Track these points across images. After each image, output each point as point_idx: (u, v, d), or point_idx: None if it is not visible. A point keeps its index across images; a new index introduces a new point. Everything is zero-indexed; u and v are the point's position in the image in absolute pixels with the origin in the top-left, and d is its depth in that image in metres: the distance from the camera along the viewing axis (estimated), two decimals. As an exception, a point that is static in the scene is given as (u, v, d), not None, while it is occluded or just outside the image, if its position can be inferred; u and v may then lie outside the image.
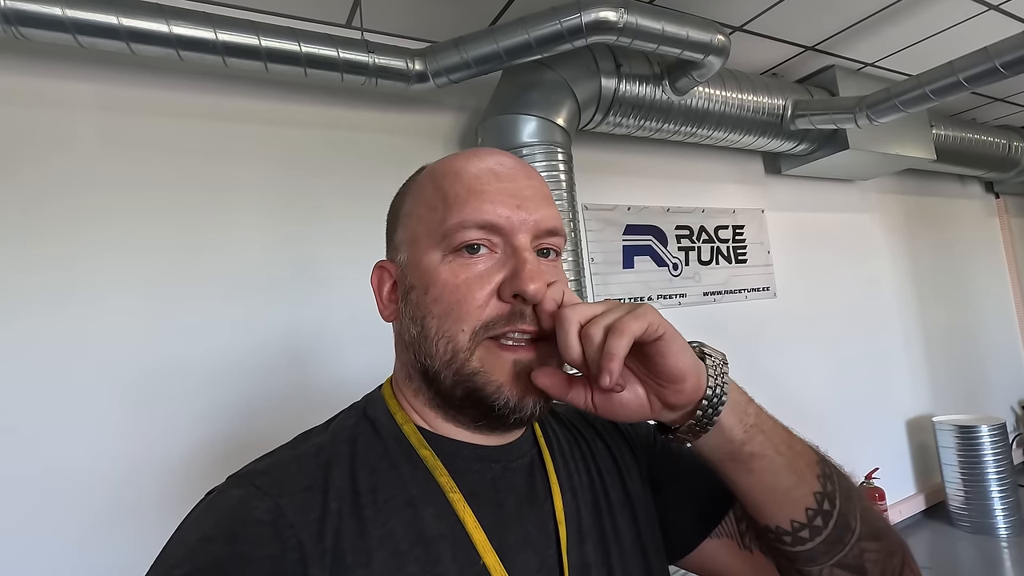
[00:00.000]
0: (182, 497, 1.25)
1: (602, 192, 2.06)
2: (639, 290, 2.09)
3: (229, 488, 0.46)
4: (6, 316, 1.20)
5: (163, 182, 1.37)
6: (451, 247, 0.49)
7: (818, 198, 2.69)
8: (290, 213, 1.49)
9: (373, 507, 0.46)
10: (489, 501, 0.50)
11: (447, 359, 0.48)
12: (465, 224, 0.48)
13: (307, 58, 1.35)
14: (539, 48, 1.44)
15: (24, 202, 1.24)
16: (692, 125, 1.92)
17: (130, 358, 1.29)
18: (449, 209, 0.49)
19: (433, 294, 0.49)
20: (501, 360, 0.48)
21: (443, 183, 0.51)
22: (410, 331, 0.51)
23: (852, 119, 1.99)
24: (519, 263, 0.48)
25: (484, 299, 0.48)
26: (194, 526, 0.44)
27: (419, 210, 0.52)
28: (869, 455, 2.55)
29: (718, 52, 1.56)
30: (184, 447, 1.31)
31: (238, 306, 1.42)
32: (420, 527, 0.46)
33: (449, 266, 0.49)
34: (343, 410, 0.57)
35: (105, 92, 1.34)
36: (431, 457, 0.50)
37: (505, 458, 0.53)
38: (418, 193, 0.54)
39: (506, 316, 0.48)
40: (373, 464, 0.49)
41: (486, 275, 0.48)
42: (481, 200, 0.49)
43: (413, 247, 0.52)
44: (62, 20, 1.10)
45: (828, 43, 2.08)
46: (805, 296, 2.54)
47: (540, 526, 0.51)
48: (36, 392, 1.20)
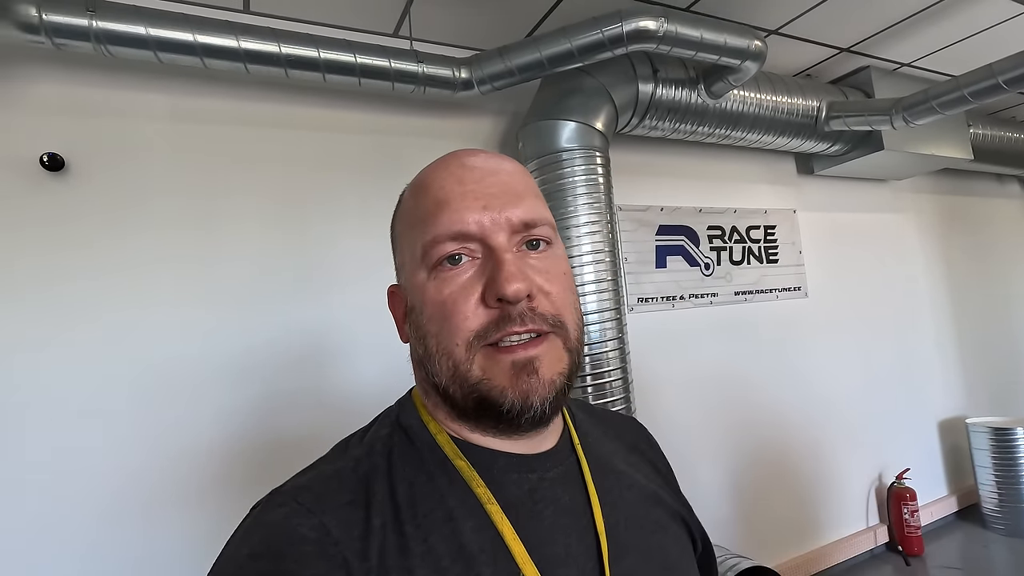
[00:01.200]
0: (202, 489, 1.35)
1: (636, 193, 2.11)
2: (671, 289, 2.13)
3: (274, 505, 0.46)
4: (70, 320, 1.30)
5: (223, 189, 1.47)
6: (432, 263, 0.48)
7: (851, 198, 2.69)
8: (338, 216, 1.58)
9: (413, 522, 0.45)
10: (527, 512, 0.49)
11: (451, 374, 0.48)
12: (439, 239, 0.48)
13: (361, 68, 1.43)
14: (580, 56, 1.49)
15: (101, 206, 1.34)
16: (726, 128, 1.96)
17: (162, 358, 1.36)
18: (423, 225, 0.49)
19: (427, 313, 0.49)
20: (500, 363, 0.47)
21: (416, 199, 0.52)
22: (417, 350, 0.52)
23: (888, 121, 2.00)
24: (496, 266, 0.47)
25: (471, 310, 0.47)
26: (242, 542, 0.44)
27: (404, 231, 0.53)
28: (900, 455, 2.56)
29: (755, 57, 1.60)
30: (201, 443, 1.38)
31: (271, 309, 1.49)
32: (460, 542, 0.45)
33: (434, 283, 0.48)
34: (377, 417, 0.56)
35: (177, 103, 1.44)
36: (467, 468, 0.49)
37: (541, 467, 0.52)
38: (401, 214, 0.55)
39: (496, 322, 0.47)
40: (411, 477, 0.48)
41: (469, 285, 0.48)
42: (448, 210, 0.48)
43: (407, 269, 0.52)
44: (145, 39, 1.20)
45: (864, 44, 2.09)
46: (837, 296, 2.55)
47: (580, 538, 0.50)
48: (78, 385, 1.30)
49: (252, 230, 1.49)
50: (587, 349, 1.56)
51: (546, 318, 0.48)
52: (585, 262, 1.59)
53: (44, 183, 1.29)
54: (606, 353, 1.58)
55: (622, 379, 1.61)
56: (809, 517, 2.30)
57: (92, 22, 1.16)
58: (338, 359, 1.53)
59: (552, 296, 0.49)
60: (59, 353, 1.27)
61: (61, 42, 1.17)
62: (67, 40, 1.17)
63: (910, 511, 2.37)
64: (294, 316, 1.50)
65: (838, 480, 2.40)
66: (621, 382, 1.60)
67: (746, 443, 2.19)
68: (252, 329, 1.45)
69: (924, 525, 2.47)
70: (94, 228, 1.33)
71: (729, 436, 2.16)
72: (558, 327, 0.49)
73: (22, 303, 1.25)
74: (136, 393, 1.33)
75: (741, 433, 2.19)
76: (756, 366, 2.27)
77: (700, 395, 2.12)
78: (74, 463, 1.26)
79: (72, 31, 1.15)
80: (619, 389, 1.60)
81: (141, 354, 1.34)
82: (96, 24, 1.16)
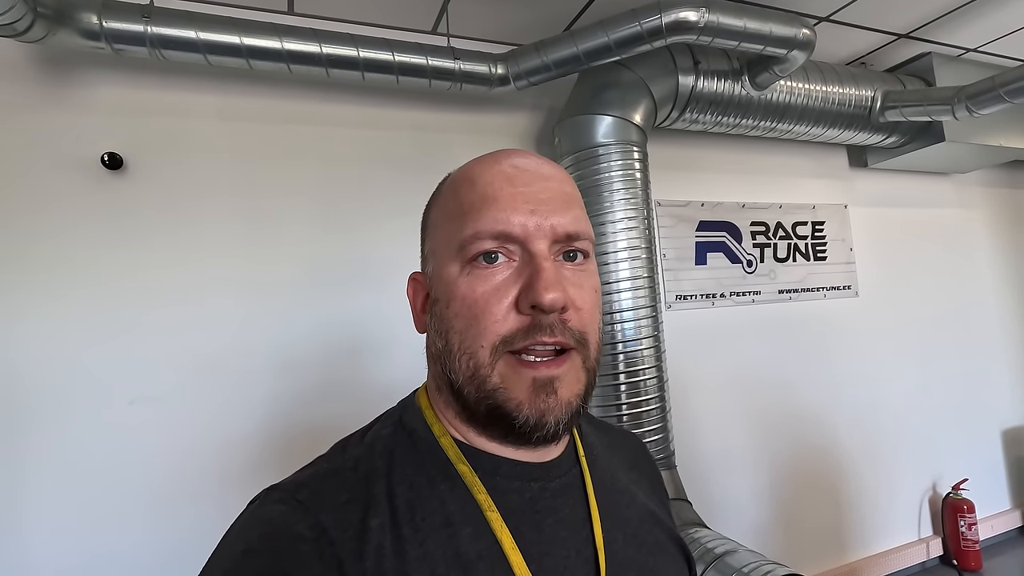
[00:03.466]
0: (243, 475, 1.41)
1: (675, 188, 2.06)
2: (711, 287, 2.08)
3: (271, 501, 0.46)
4: (135, 312, 1.38)
5: (268, 185, 1.53)
6: (467, 258, 0.47)
7: (908, 193, 2.55)
8: (376, 211, 1.61)
9: (411, 525, 0.45)
10: (527, 522, 0.48)
11: (469, 375, 0.47)
12: (480, 235, 0.46)
13: (399, 66, 1.45)
14: (618, 49, 1.47)
15: (156, 203, 1.42)
16: (772, 120, 1.89)
17: (210, 349, 1.43)
18: (465, 219, 0.48)
19: (454, 308, 0.48)
20: (521, 377, 0.46)
21: (459, 191, 0.50)
22: (436, 344, 0.51)
23: (949, 111, 1.88)
24: (534, 272, 0.45)
25: (502, 313, 0.46)
26: (238, 538, 0.44)
27: (440, 220, 0.52)
28: (958, 465, 2.42)
29: (802, 46, 1.53)
30: (247, 430, 1.44)
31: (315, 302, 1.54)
32: (457, 548, 0.45)
33: (467, 279, 0.47)
34: (379, 417, 0.56)
35: (225, 103, 1.50)
36: (469, 473, 0.48)
37: (544, 477, 0.51)
38: (440, 203, 0.53)
39: (525, 329, 0.46)
40: (411, 479, 0.48)
41: (503, 287, 0.46)
42: (495, 208, 0.47)
43: (436, 259, 0.51)
44: (196, 42, 1.26)
45: (924, 29, 1.97)
46: (890, 295, 2.43)
47: (579, 552, 0.49)
48: (131, 375, 1.38)
49: (294, 225, 1.54)
50: (622, 347, 1.55)
51: (574, 333, 0.47)
52: (621, 259, 1.57)
53: (105, 181, 1.37)
54: (641, 351, 1.56)
55: (657, 378, 1.58)
56: (853, 526, 2.21)
57: (147, 28, 1.22)
58: (376, 352, 1.57)
59: (582, 312, 0.48)
60: (118, 343, 1.35)
61: (120, 47, 1.24)
62: (125, 45, 1.23)
63: (967, 524, 2.24)
64: (333, 310, 1.55)
65: (887, 488, 2.29)
66: (656, 381, 1.58)
67: (787, 447, 2.12)
68: (295, 322, 1.51)
69: (983, 539, 2.33)
70: (149, 224, 1.40)
71: (769, 439, 2.09)
72: (582, 344, 0.48)
73: (83, 294, 1.33)
74: (184, 382, 1.40)
75: (782, 436, 2.12)
76: (800, 367, 2.19)
77: (740, 396, 2.06)
78: (126, 450, 1.34)
79: (129, 37, 1.22)
80: (654, 388, 1.57)
81: (191, 344, 1.41)
82: (151, 30, 1.22)
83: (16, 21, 1.05)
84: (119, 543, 1.30)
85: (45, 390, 1.29)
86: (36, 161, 1.32)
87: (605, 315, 1.56)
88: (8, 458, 1.25)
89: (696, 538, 1.41)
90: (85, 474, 1.30)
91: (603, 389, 1.55)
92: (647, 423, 1.55)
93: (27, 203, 1.30)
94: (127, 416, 1.34)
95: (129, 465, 1.33)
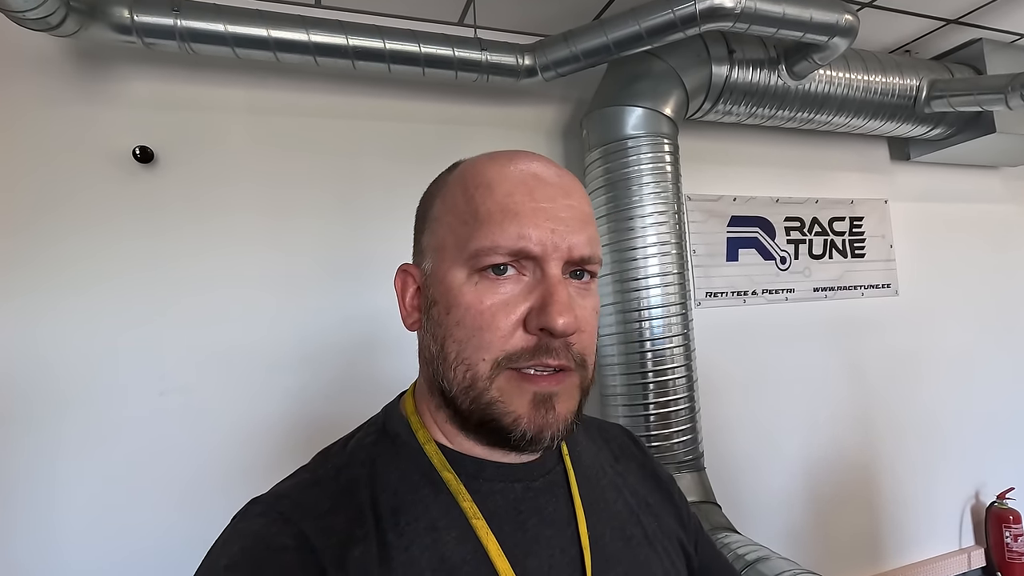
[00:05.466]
0: (270, 465, 1.40)
1: (706, 182, 2.00)
2: (743, 284, 2.02)
3: (252, 515, 0.46)
4: (163, 303, 1.39)
5: (295, 178, 1.53)
6: (478, 267, 0.46)
7: (953, 187, 2.43)
8: (399, 205, 1.60)
9: (395, 531, 0.45)
10: (511, 523, 0.48)
11: (465, 386, 0.46)
12: (498, 248, 0.45)
13: (426, 58, 1.43)
14: (649, 38, 1.42)
15: (185, 196, 1.43)
16: (810, 111, 1.81)
17: (240, 340, 1.44)
18: (480, 227, 0.46)
19: (456, 316, 0.46)
20: (521, 391, 0.45)
21: (474, 194, 0.47)
22: (430, 348, 0.49)
23: (1002, 100, 1.78)
24: (547, 294, 0.45)
25: (509, 329, 0.45)
26: (220, 553, 0.44)
27: (447, 219, 0.49)
28: (1004, 473, 2.31)
29: (844, 33, 1.46)
30: (274, 422, 1.44)
31: (349, 296, 1.54)
32: (442, 553, 0.44)
33: (475, 288, 0.46)
34: (361, 426, 0.56)
35: (253, 97, 1.51)
36: (454, 481, 0.48)
37: (527, 476, 0.51)
38: (448, 198, 0.50)
39: (531, 350, 0.45)
40: (394, 486, 0.48)
41: (512, 302, 0.45)
42: (515, 222, 0.45)
43: (438, 258, 0.49)
44: (224, 35, 1.26)
45: (975, 14, 1.87)
46: (933, 295, 2.32)
47: (564, 550, 0.49)
48: (161, 365, 1.39)
49: (319, 217, 1.54)
50: (650, 345, 1.51)
51: (575, 356, 0.47)
52: (650, 254, 1.52)
53: (136, 174, 1.39)
54: (670, 350, 1.52)
55: (686, 377, 1.54)
56: (891, 533, 2.13)
57: (177, 21, 1.23)
58: (399, 347, 1.56)
59: (584, 335, 0.48)
60: (148, 333, 1.37)
61: (150, 41, 1.24)
62: (155, 39, 1.24)
63: (1013, 535, 2.13)
64: (356, 303, 1.54)
65: (926, 496, 2.20)
66: (685, 380, 1.54)
67: (821, 450, 2.05)
68: (320, 314, 1.51)
69: (1029, 552, 2.22)
70: (179, 216, 1.42)
71: (802, 442, 2.02)
72: (581, 367, 0.48)
73: (114, 286, 1.35)
74: (213, 373, 1.41)
75: (816, 439, 2.04)
76: (835, 367, 2.11)
77: (772, 396, 1.99)
78: (156, 440, 1.35)
79: (160, 31, 1.23)
80: (683, 388, 1.53)
81: (220, 336, 1.42)
82: (180, 23, 1.23)
83: (50, 15, 1.06)
84: (150, 534, 1.32)
85: (76, 382, 1.31)
86: (70, 154, 1.34)
87: (634, 312, 1.52)
88: (41, 449, 1.28)
89: (726, 543, 1.36)
90: (115, 464, 1.32)
91: (630, 388, 1.52)
92: (675, 423, 1.51)
93: (60, 195, 1.33)
94: (157, 407, 1.36)
95: (159, 455, 1.35)
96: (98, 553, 1.29)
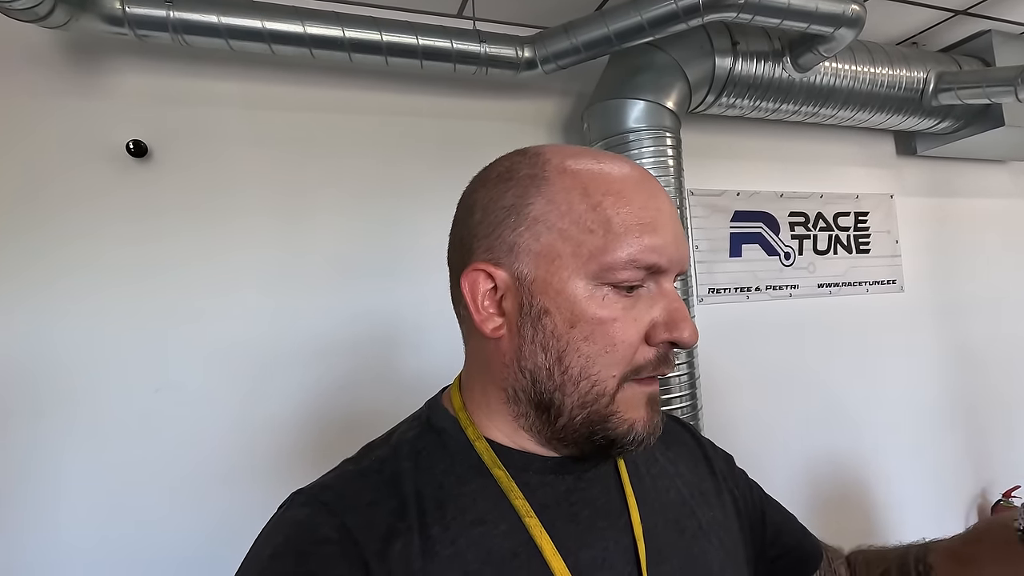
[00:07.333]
0: (279, 462, 1.40)
1: (709, 177, 1.97)
2: (746, 280, 1.99)
3: (296, 505, 0.46)
4: (167, 301, 1.38)
5: (293, 173, 1.50)
6: (607, 280, 0.44)
7: (961, 182, 2.40)
8: (397, 200, 1.57)
9: (440, 524, 0.44)
10: (563, 515, 0.48)
11: (590, 400, 0.45)
12: (638, 263, 0.44)
13: (423, 51, 1.41)
14: (652, 29, 1.39)
15: (180, 191, 1.41)
16: (815, 104, 1.78)
17: (242, 339, 1.42)
18: (616, 239, 0.44)
19: (583, 330, 0.44)
20: (638, 396, 0.46)
21: (603, 202, 0.45)
22: (534, 359, 0.46)
23: (1011, 92, 1.74)
24: (674, 309, 0.45)
25: (637, 343, 0.45)
26: (265, 543, 0.45)
27: (562, 224, 0.45)
28: (1011, 471, 2.28)
29: (850, 24, 1.43)
30: (279, 419, 1.43)
31: (343, 292, 1.52)
32: (490, 546, 0.44)
33: (603, 302, 0.44)
34: (404, 420, 0.55)
35: (248, 91, 1.48)
36: (506, 478, 0.47)
37: (578, 467, 0.51)
38: (559, 200, 0.45)
39: (654, 362, 0.46)
40: (439, 479, 0.47)
41: (637, 316, 0.45)
42: (654, 236, 0.44)
43: (546, 264, 0.45)
44: (218, 27, 1.23)
45: (984, 5, 1.83)
46: (939, 291, 2.29)
47: (617, 541, 0.48)
48: (172, 361, 1.38)
49: (316, 212, 1.51)
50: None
51: None
52: (651, 250, 1.50)
53: (130, 168, 1.37)
54: (671, 347, 1.49)
55: (688, 374, 1.52)
56: (895, 531, 2.10)
57: (169, 12, 1.20)
58: (408, 342, 1.55)
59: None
60: (149, 329, 1.35)
61: (143, 33, 1.22)
62: (148, 31, 1.22)
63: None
64: (362, 300, 1.52)
65: (931, 493, 2.18)
66: (687, 378, 1.51)
67: (825, 448, 2.02)
68: (325, 311, 1.49)
69: (1035, 551, 2.20)
70: (174, 210, 1.39)
71: (806, 439, 2.00)
72: None
73: (108, 283, 1.33)
74: (216, 372, 1.39)
75: (820, 437, 2.02)
76: (840, 364, 2.09)
77: (775, 394, 1.97)
78: (160, 437, 1.34)
79: (152, 22, 1.20)
80: (685, 385, 1.51)
81: (222, 335, 1.40)
82: (173, 15, 1.20)
83: (37, 5, 1.04)
84: (153, 527, 1.31)
85: (80, 377, 1.29)
86: (61, 147, 1.32)
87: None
88: (46, 442, 1.26)
89: (728, 543, 1.34)
90: (120, 457, 1.31)
91: (631, 385, 1.49)
92: (677, 422, 1.49)
93: (52, 190, 1.31)
94: (160, 403, 1.35)
95: (164, 452, 1.33)
96: (102, 543, 1.27)
